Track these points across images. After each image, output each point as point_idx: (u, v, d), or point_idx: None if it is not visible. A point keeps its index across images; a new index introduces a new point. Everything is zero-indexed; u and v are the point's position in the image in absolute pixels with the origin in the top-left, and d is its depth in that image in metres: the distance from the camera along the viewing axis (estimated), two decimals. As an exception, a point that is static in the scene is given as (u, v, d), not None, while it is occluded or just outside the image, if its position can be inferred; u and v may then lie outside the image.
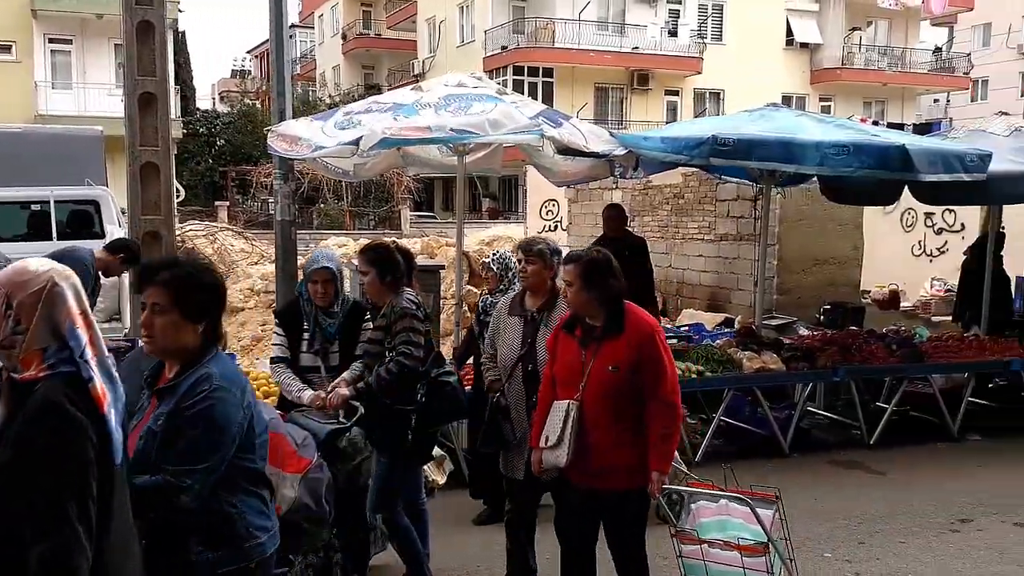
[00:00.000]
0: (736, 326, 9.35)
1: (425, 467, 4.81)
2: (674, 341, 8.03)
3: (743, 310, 10.56)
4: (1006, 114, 8.83)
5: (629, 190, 13.11)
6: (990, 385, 8.33)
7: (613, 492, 3.53)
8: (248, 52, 60.34)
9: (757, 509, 3.54)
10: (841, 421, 7.75)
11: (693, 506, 3.71)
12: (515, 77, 31.02)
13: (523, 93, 22.39)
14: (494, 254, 5.52)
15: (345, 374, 4.23)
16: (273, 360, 4.47)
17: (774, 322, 9.12)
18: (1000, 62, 42.82)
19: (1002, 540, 5.25)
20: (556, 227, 15.70)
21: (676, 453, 3.74)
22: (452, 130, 5.96)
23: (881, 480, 6.53)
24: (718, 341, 7.88)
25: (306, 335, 4.34)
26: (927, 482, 6.40)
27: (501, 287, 5.26)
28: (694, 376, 6.68)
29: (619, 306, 3.60)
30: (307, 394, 4.16)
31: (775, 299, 10.59)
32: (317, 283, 4.26)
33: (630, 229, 9.17)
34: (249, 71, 56.28)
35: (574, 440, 3.49)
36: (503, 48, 31.78)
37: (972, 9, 37.42)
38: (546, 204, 15.74)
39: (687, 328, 9.50)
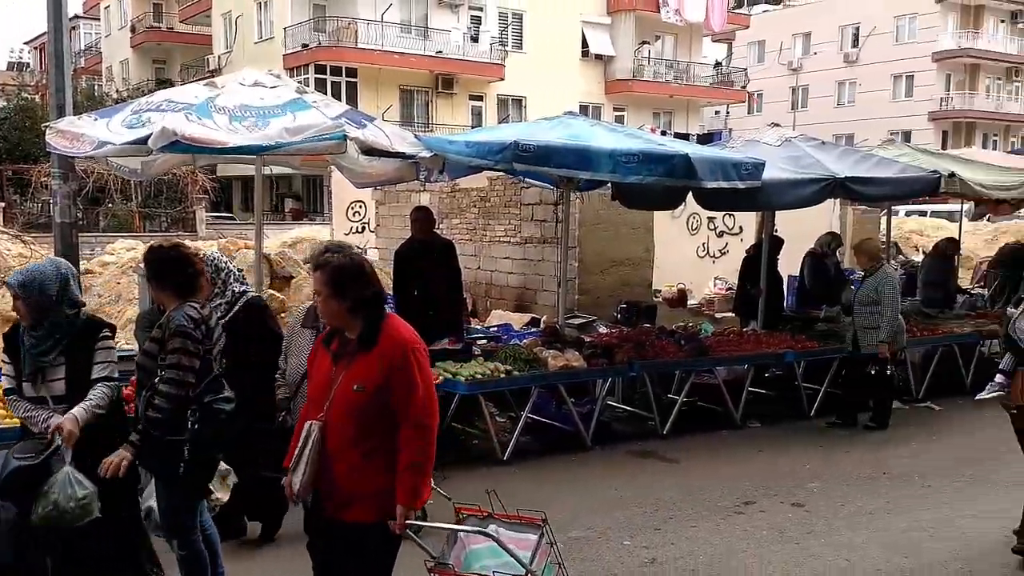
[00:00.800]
0: (541, 326, 9.65)
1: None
2: (484, 341, 8.20)
3: (548, 310, 10.91)
4: (777, 125, 9.66)
5: (437, 193, 13.20)
6: (767, 375, 9.04)
7: (356, 524, 3.21)
8: (26, 43, 56.26)
9: (521, 534, 3.43)
10: (638, 413, 8.17)
11: (462, 533, 3.51)
12: (317, 76, 30.37)
13: (326, 93, 21.96)
14: (206, 256, 4.79)
15: (78, 406, 3.73)
16: (6, 392, 3.92)
17: (576, 321, 9.48)
18: (773, 77, 46.82)
19: (782, 520, 5.73)
20: (363, 229, 15.55)
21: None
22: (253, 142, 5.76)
23: (674, 468, 6.95)
24: (525, 341, 8.10)
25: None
26: (714, 468, 6.88)
27: (216, 291, 4.71)
28: (503, 375, 6.84)
29: (375, 317, 3.23)
30: (55, 419, 3.70)
31: (576, 299, 11.02)
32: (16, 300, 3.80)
33: (438, 231, 9.23)
34: (28, 63, 51.95)
35: (312, 465, 3.18)
36: (304, 46, 31.04)
37: (748, 27, 40.62)
38: (352, 205, 15.54)
39: (496, 328, 9.70)
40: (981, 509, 5.90)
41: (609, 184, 8.36)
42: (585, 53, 35.37)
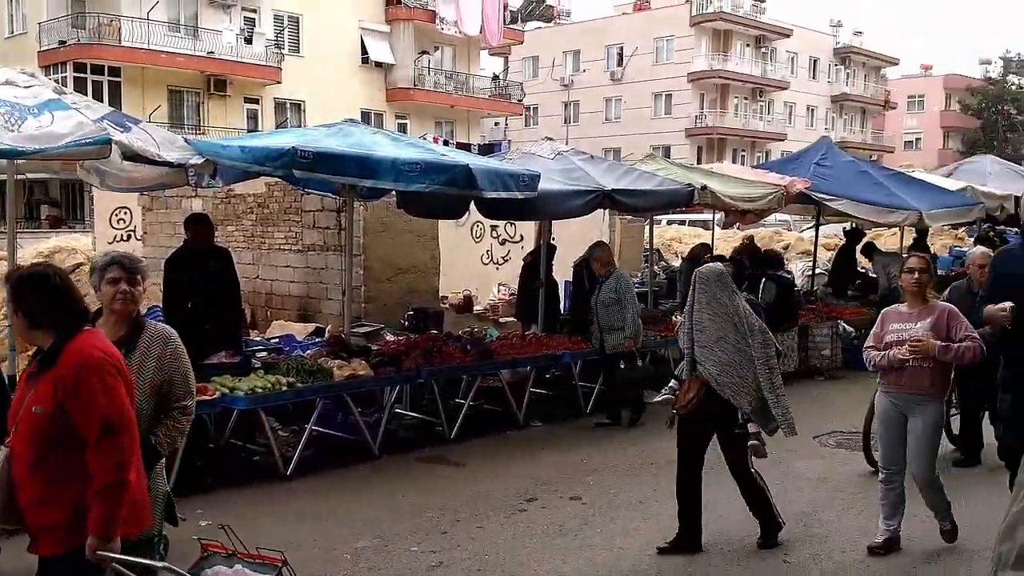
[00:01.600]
0: (326, 335, 9.50)
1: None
2: (264, 354, 7.95)
3: (333, 319, 10.75)
4: (551, 139, 10.11)
5: (211, 198, 12.62)
6: (547, 376, 9.43)
7: (47, 559, 3.00)
8: None
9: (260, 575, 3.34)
10: (426, 420, 8.26)
11: (209, 571, 3.36)
12: (76, 75, 28.06)
13: (86, 93, 20.39)
14: None
15: None
16: None
17: (363, 329, 9.42)
18: (547, 92, 48.84)
19: (562, 514, 6.01)
20: (129, 236, 14.55)
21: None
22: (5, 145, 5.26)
23: (461, 471, 7.09)
24: (309, 351, 7.95)
25: None
26: (499, 468, 7.10)
27: None
28: (285, 388, 6.68)
29: (63, 333, 2.98)
30: None
31: (363, 307, 10.94)
32: None
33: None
34: None
35: (2, 493, 2.99)
36: (61, 43, 28.59)
37: (522, 43, 42.10)
38: (117, 212, 14.51)
39: (278, 340, 9.43)
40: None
41: (393, 192, 8.40)
42: (366, 60, 35.15)
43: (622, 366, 8.48)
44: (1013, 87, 59.17)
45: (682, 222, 24.77)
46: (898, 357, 5.02)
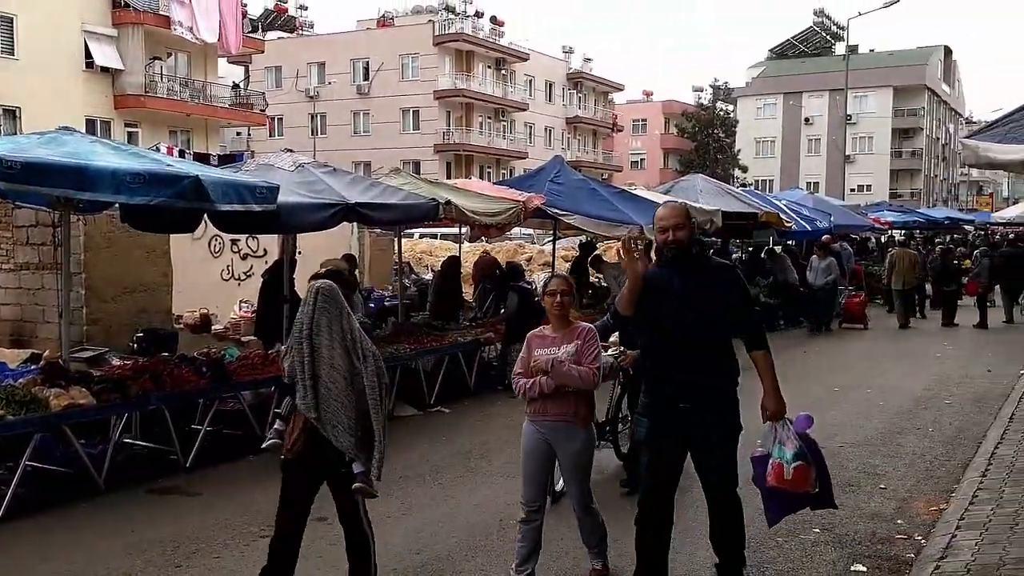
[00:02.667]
0: (42, 362, 8.62)
1: None
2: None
3: (51, 344, 9.78)
4: (291, 151, 9.87)
5: (-102, 214, 11.06)
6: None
7: None
8: None
9: None
10: (159, 448, 7.74)
11: None
12: None
13: None
14: None
15: None
16: None
17: (85, 354, 8.66)
18: (292, 103, 47.72)
19: (308, 534, 5.85)
20: None
21: None
22: None
23: (198, 501, 6.71)
24: (22, 380, 7.18)
25: None
26: (239, 495, 6.78)
27: None
28: (-10, 423, 5.99)
29: None
30: None
31: (85, 330, 10.06)
32: None
33: None
34: None
35: None
36: None
37: (264, 52, 40.79)
38: None
39: (-16, 369, 8.42)
40: (481, 497, 6.68)
41: (117, 205, 7.81)
42: (90, 64, 32.43)
43: None
44: (721, 113, 65.95)
45: (433, 236, 25.13)
46: (541, 384, 4.69)
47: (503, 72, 50.92)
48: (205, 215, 7.85)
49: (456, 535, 5.86)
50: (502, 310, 12.04)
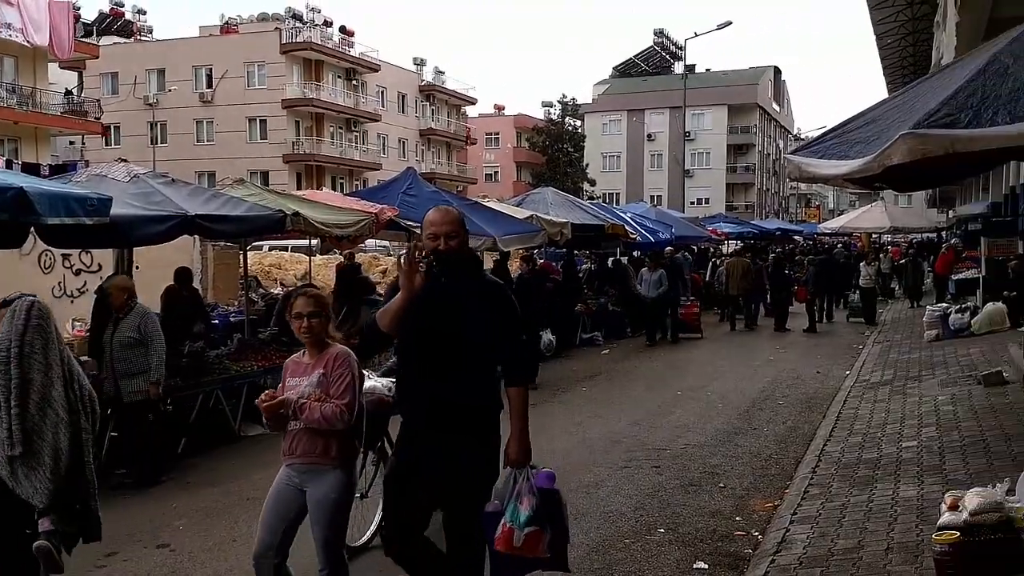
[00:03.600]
0: None
1: None
2: None
3: None
4: (125, 161, 9.37)
5: None
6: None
7: None
8: None
9: None
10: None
11: None
12: None
13: None
14: None
15: None
16: None
17: None
18: (130, 110, 45.36)
19: (148, 565, 5.58)
20: None
21: None
22: None
23: (24, 534, 6.25)
24: None
25: None
26: (72, 524, 6.37)
27: None
28: None
29: None
30: None
31: None
32: None
33: None
34: None
35: None
36: None
37: (98, 57, 38.61)
38: None
39: None
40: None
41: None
42: (-103, 65, 29.72)
43: (151, 418, 7.60)
44: (570, 128, 67.71)
45: (284, 248, 24.47)
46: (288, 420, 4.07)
47: (354, 82, 50.32)
48: (32, 229, 7.36)
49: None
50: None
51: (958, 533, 4.28)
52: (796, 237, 42.33)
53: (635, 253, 21.89)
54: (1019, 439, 7.13)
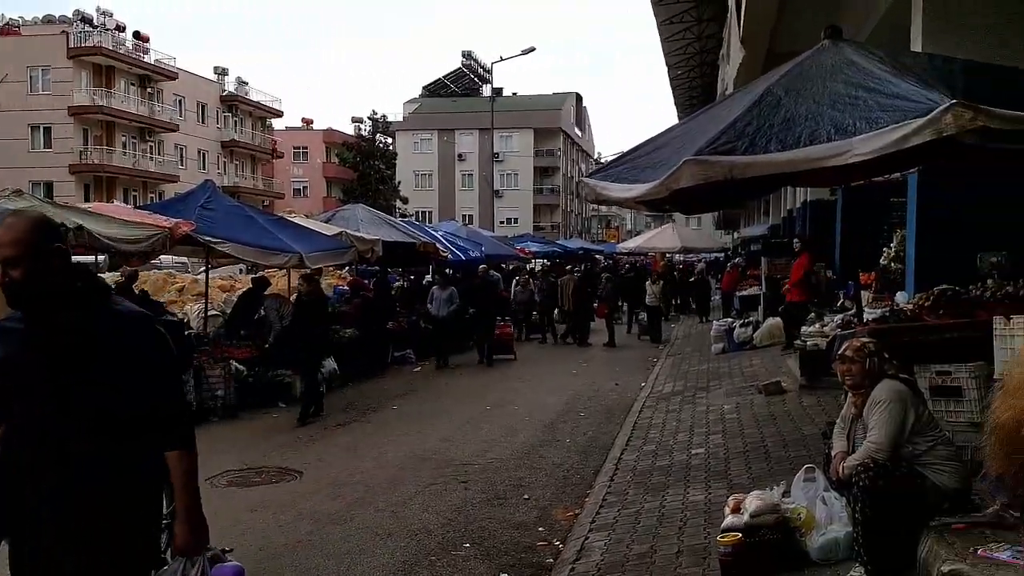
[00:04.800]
0: None
1: None
2: None
3: None
4: None
5: None
6: None
7: None
8: None
9: None
10: None
11: None
12: None
13: None
14: None
15: None
16: None
17: None
18: None
19: None
20: None
21: None
22: None
23: None
24: None
25: None
26: None
27: None
28: None
29: None
30: None
31: None
32: None
33: None
34: None
35: None
36: None
37: None
38: None
39: None
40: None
41: None
42: None
43: None
44: (381, 145, 67.40)
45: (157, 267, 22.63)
46: None
47: (149, 90, 47.58)
48: None
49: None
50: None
51: (740, 534, 4.59)
52: (597, 256, 44.23)
53: (447, 271, 22.05)
54: (795, 444, 7.75)
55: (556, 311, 21.13)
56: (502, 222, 61.09)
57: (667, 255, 34.87)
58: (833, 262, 14.18)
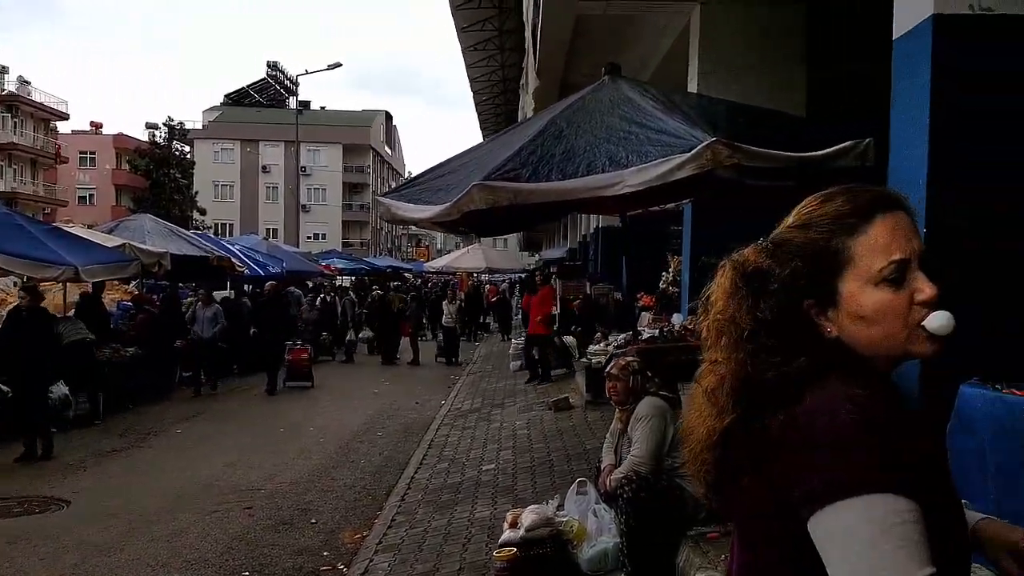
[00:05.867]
0: None
1: None
2: None
3: None
4: None
5: None
6: None
7: None
8: None
9: None
10: None
11: None
12: None
13: None
14: None
15: None
16: None
17: None
18: None
19: None
20: None
21: None
22: None
23: None
24: None
25: None
26: None
27: None
28: None
29: None
30: None
31: None
32: None
33: None
34: None
35: None
36: None
37: None
38: None
39: None
40: None
41: None
42: None
43: None
44: (177, 152, 63.98)
45: None
46: None
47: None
48: None
49: None
50: None
51: (515, 549, 4.72)
52: (406, 274, 44.17)
53: (246, 287, 21.23)
54: (578, 458, 8.07)
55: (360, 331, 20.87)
56: (309, 237, 59.73)
57: (474, 275, 35.40)
58: (621, 285, 14.95)
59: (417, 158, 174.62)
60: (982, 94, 3.99)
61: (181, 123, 64.99)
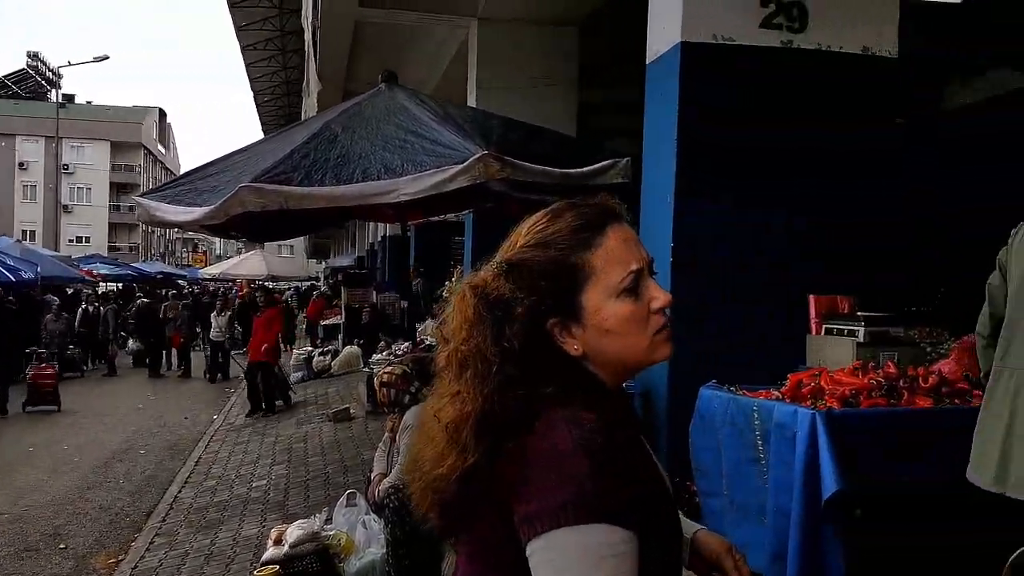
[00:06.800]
0: None
1: None
2: None
3: None
4: None
5: None
6: None
7: None
8: None
9: None
10: None
11: None
12: None
13: None
14: None
15: None
16: None
17: None
18: None
19: None
20: None
21: None
22: None
23: None
24: None
25: None
26: None
27: None
28: None
29: None
30: None
31: None
32: None
33: None
34: None
35: None
36: None
37: None
38: None
39: None
40: None
41: None
42: None
43: None
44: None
45: None
46: None
47: None
48: None
49: None
50: None
51: (277, 566, 4.56)
52: (180, 281, 41.76)
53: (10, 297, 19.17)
54: (355, 470, 7.94)
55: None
56: (71, 240, 55.13)
57: (254, 282, 34.02)
58: (408, 294, 14.95)
59: (194, 159, 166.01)
60: (721, 122, 4.35)
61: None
